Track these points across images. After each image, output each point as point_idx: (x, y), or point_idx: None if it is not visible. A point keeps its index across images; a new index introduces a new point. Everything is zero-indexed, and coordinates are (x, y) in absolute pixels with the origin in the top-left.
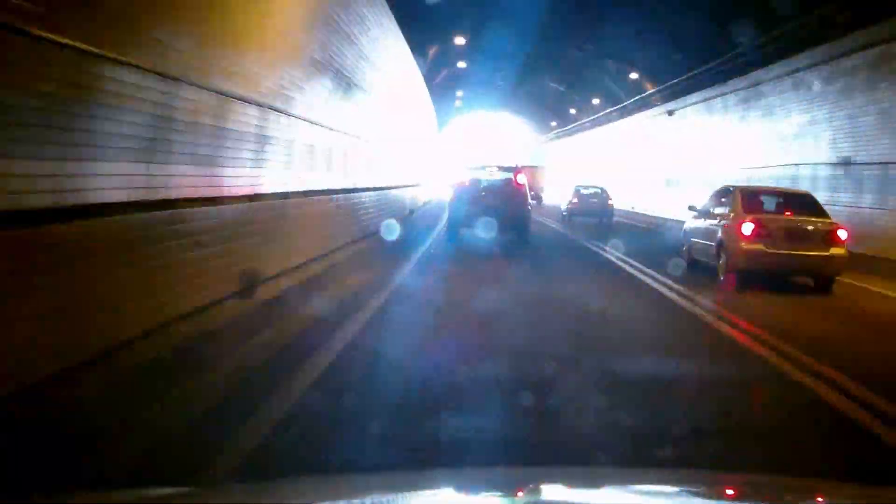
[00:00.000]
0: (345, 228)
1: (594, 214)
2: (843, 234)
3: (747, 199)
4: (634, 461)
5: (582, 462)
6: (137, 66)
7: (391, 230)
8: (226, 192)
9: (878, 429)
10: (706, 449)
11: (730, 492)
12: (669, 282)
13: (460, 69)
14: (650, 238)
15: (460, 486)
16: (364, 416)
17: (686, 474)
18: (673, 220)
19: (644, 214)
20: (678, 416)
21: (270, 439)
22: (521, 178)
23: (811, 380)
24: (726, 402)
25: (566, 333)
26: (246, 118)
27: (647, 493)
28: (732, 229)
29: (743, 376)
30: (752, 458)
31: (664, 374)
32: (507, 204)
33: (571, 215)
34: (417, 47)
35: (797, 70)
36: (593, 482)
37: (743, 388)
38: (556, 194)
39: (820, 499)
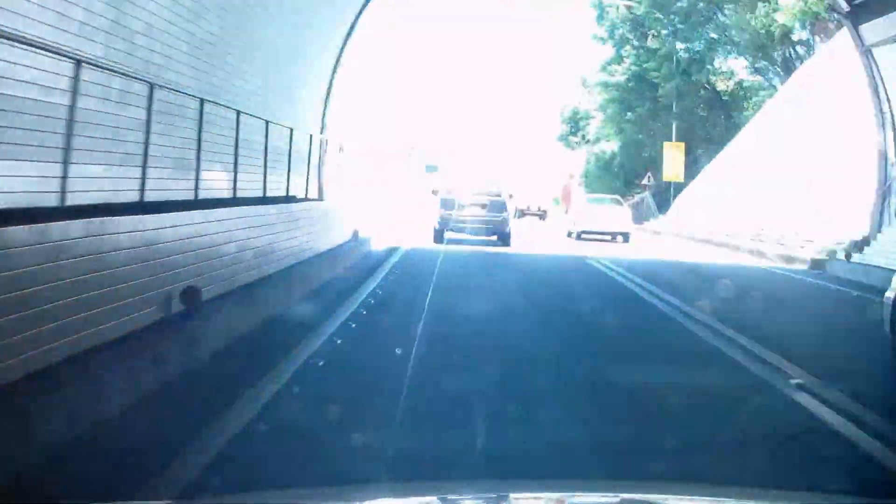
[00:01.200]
0: None
1: (609, 232)
2: None
3: None
4: None
5: None
6: None
7: None
8: None
9: None
10: None
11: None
12: None
13: None
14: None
15: (445, 499)
16: None
17: (679, 487)
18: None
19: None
20: None
21: None
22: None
23: None
24: None
25: None
26: None
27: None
28: None
29: None
30: None
31: None
32: (490, 213)
33: (581, 233)
34: None
35: None
36: (584, 494)
37: None
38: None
39: None
